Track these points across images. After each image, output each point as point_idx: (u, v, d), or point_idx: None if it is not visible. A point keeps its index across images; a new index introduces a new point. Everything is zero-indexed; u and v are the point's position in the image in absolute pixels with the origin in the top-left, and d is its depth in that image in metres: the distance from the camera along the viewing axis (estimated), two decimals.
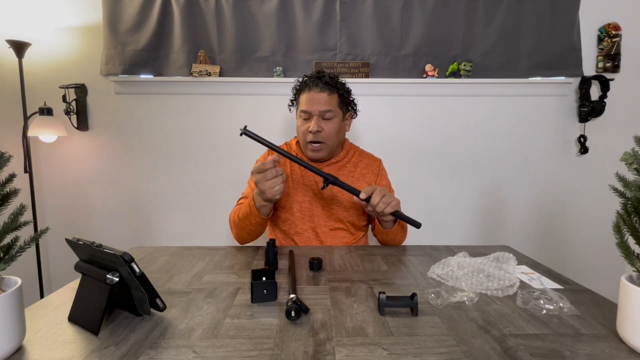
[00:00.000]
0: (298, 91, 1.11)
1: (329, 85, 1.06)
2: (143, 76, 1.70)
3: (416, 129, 1.78)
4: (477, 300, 0.65)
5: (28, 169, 1.63)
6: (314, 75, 1.08)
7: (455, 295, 0.65)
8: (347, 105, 1.13)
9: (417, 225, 0.96)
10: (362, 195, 0.93)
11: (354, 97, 1.15)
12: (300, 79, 1.11)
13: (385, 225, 1.01)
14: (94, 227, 1.81)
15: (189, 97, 1.75)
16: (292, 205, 1.10)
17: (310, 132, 1.04)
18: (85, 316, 0.56)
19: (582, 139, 1.76)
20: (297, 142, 1.19)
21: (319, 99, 1.05)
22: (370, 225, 1.20)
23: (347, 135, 1.21)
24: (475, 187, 1.82)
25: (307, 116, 1.06)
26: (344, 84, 1.11)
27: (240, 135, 0.93)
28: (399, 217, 0.96)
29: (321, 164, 1.13)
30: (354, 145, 1.22)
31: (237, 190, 1.76)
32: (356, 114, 1.19)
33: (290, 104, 1.17)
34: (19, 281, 0.50)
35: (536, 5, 1.69)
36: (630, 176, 0.51)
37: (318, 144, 1.06)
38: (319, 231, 1.10)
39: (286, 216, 1.11)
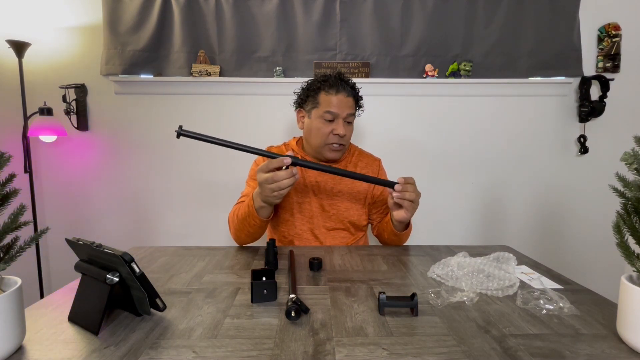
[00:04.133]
0: (317, 90, 1.07)
1: (353, 90, 1.08)
2: (143, 76, 1.70)
3: (416, 129, 1.78)
4: (477, 300, 0.65)
5: (28, 169, 1.63)
6: (338, 77, 1.07)
7: (455, 295, 0.65)
8: (357, 109, 1.14)
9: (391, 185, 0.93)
10: (398, 187, 0.91)
11: (362, 102, 1.16)
12: (320, 78, 1.08)
13: (400, 227, 1.01)
14: (94, 227, 1.81)
15: (189, 97, 1.75)
16: (292, 207, 1.10)
17: (338, 134, 1.04)
18: (85, 316, 0.56)
19: (582, 139, 1.76)
20: (297, 142, 1.18)
21: (347, 103, 1.05)
22: (370, 225, 1.20)
23: None
24: (475, 187, 1.82)
25: (333, 118, 1.04)
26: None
27: (178, 137, 0.80)
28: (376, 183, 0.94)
29: (324, 164, 1.12)
30: (354, 145, 1.23)
31: (237, 190, 1.76)
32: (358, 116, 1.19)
33: (300, 101, 1.12)
34: (19, 281, 0.50)
35: (536, 5, 1.69)
36: (630, 176, 0.51)
37: (339, 146, 1.07)
38: (317, 232, 1.10)
39: (286, 217, 1.10)
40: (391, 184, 0.93)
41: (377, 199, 1.15)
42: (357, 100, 1.10)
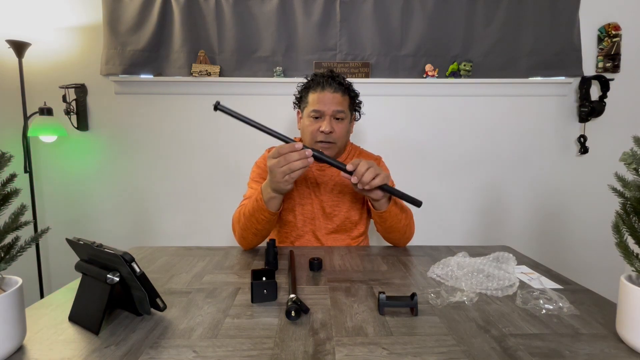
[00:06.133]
0: (306, 89, 1.08)
1: (342, 86, 1.06)
2: (143, 76, 1.70)
3: (416, 129, 1.78)
4: (477, 300, 0.65)
5: (28, 169, 1.64)
6: (326, 75, 1.06)
7: (455, 295, 0.65)
8: (354, 107, 1.13)
9: (417, 203, 0.86)
10: (350, 167, 0.85)
11: (359, 100, 1.14)
12: (310, 77, 1.09)
13: (378, 205, 0.93)
14: (94, 227, 1.82)
15: (189, 97, 1.75)
16: (294, 208, 1.10)
17: (323, 132, 1.02)
18: (86, 316, 0.56)
19: (582, 139, 1.76)
20: (299, 142, 1.18)
21: (333, 99, 1.03)
22: (372, 219, 1.17)
23: None
24: (475, 187, 1.82)
25: (319, 115, 1.04)
26: (353, 87, 1.11)
27: (215, 110, 0.81)
28: (391, 192, 0.87)
29: (323, 165, 1.13)
30: (355, 145, 1.22)
31: (237, 191, 1.76)
32: (360, 117, 1.18)
33: (296, 102, 1.14)
34: (20, 281, 0.50)
35: (536, 5, 1.69)
36: (630, 176, 0.51)
37: (327, 144, 1.05)
38: (319, 234, 1.10)
39: (288, 218, 1.10)
40: (343, 167, 0.86)
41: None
42: (350, 97, 1.08)
